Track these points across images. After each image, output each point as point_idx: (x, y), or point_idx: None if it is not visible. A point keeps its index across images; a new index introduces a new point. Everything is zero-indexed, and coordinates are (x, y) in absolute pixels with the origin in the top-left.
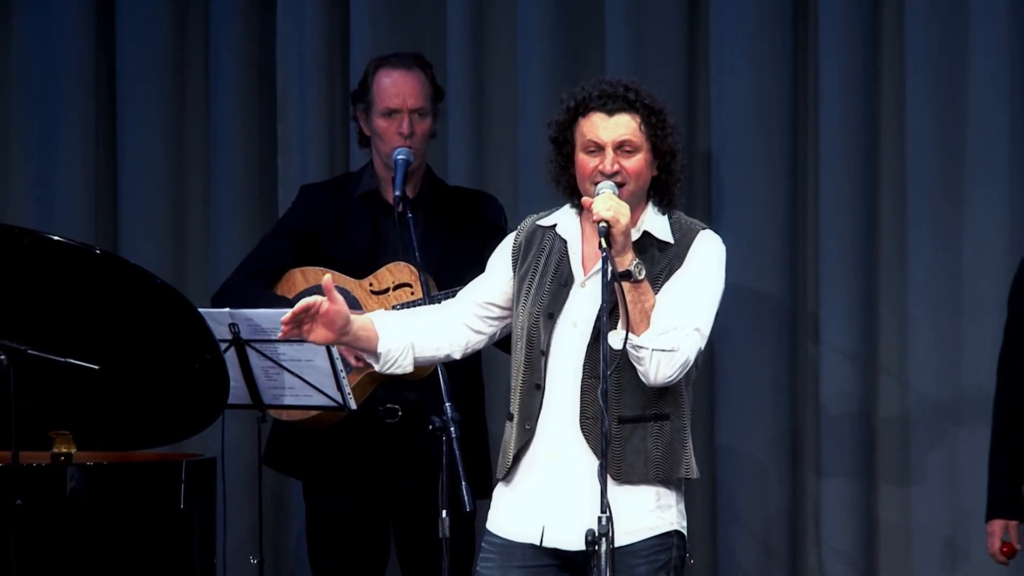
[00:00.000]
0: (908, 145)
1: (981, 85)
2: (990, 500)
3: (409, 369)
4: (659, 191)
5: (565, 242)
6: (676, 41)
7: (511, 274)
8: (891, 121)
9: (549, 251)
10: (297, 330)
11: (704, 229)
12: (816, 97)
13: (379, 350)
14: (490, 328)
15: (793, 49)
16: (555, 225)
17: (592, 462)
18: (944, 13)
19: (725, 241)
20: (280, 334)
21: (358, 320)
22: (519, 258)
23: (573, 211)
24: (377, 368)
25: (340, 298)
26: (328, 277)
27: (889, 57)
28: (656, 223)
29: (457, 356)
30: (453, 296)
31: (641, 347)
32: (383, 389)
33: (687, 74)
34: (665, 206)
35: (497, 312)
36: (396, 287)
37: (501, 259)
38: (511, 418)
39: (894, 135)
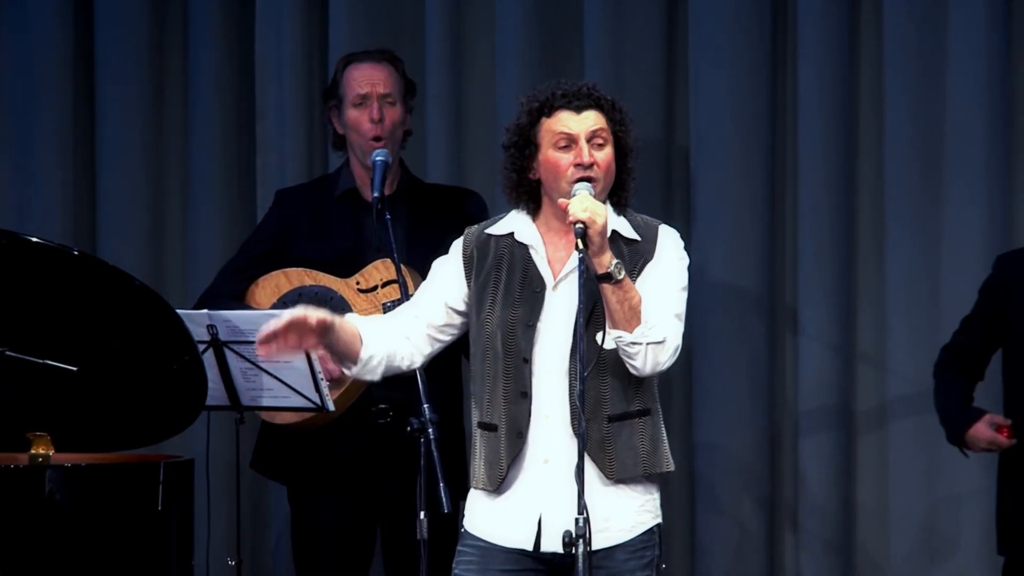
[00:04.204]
0: (886, 142)
1: (959, 83)
2: (960, 420)
3: (376, 379)
4: (616, 190)
5: (527, 247)
6: (654, 39)
7: (465, 284)
8: (869, 118)
9: (510, 259)
10: (279, 344)
11: (661, 223)
12: (794, 94)
13: (362, 355)
14: (447, 336)
15: (771, 47)
16: (511, 233)
17: (584, 465)
18: (922, 12)
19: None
20: (260, 353)
21: (340, 321)
22: (472, 268)
23: (526, 217)
24: (350, 374)
25: (307, 310)
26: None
27: (867, 54)
28: (619, 222)
29: (417, 366)
30: None
31: (636, 343)
32: (375, 388)
33: (665, 72)
34: (621, 206)
35: (458, 320)
36: (384, 284)
37: (452, 267)
38: (492, 428)
39: (872, 132)
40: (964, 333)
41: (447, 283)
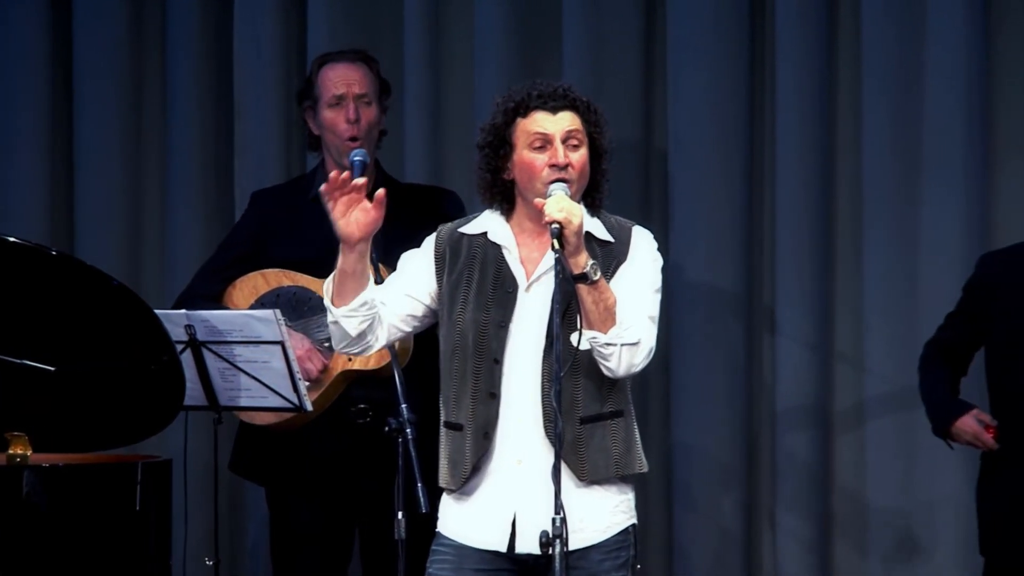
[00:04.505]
0: (864, 142)
1: (937, 85)
2: (946, 412)
3: (352, 334)
4: (590, 191)
5: (499, 248)
6: (633, 40)
7: (435, 280)
8: (847, 119)
9: (483, 258)
10: (337, 196)
11: (635, 225)
12: (772, 96)
13: (362, 297)
14: (408, 328)
15: (749, 48)
16: (484, 232)
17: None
18: (900, 13)
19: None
20: (331, 175)
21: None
22: (444, 266)
23: (500, 217)
24: (335, 312)
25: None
26: (363, 180)
27: (845, 56)
28: (592, 223)
29: (374, 349)
30: None
31: (610, 344)
32: (354, 388)
33: (643, 73)
34: (595, 207)
35: (420, 313)
36: None
37: (423, 262)
38: (458, 428)
39: (850, 134)
40: (948, 329)
41: (415, 276)
